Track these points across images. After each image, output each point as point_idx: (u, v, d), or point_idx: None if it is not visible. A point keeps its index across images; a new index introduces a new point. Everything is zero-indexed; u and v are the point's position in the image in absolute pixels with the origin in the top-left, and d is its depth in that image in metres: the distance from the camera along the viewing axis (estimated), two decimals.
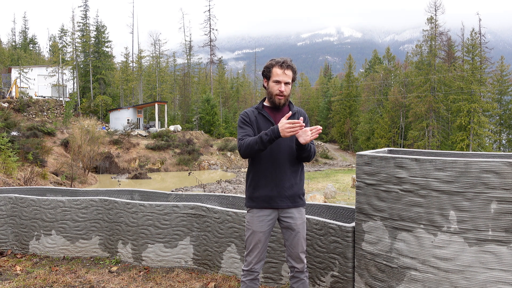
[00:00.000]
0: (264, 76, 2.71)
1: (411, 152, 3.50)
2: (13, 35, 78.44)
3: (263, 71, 2.72)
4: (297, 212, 2.75)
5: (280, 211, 2.71)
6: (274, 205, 2.68)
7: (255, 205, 2.69)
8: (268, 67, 2.68)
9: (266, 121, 2.68)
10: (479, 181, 2.45)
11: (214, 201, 5.02)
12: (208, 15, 58.75)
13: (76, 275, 4.02)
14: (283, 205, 2.69)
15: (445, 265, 2.56)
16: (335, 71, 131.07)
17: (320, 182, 24.81)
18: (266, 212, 2.68)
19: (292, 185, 2.71)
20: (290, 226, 2.71)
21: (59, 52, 49.27)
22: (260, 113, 2.70)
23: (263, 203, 2.67)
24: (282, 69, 2.63)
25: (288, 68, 2.65)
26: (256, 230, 2.67)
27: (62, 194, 5.62)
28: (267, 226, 2.69)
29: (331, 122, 61.59)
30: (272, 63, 2.68)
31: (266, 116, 2.68)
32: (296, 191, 2.74)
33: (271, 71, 2.66)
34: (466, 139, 39.79)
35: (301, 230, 2.75)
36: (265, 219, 2.68)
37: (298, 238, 2.72)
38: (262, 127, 2.66)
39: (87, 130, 28.16)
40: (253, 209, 2.70)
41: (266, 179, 2.66)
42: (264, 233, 2.69)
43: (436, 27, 44.33)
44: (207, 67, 63.47)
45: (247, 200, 2.76)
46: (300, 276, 2.75)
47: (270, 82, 2.67)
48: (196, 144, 38.53)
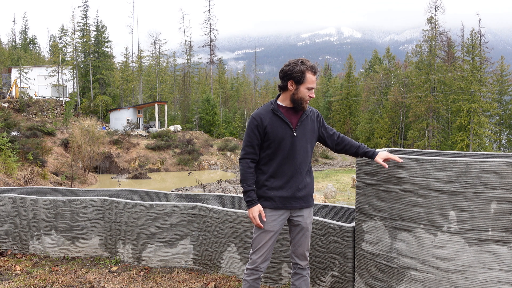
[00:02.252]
0: (292, 78, 2.57)
1: (411, 152, 3.50)
2: (13, 35, 78.51)
3: (293, 74, 2.55)
4: (308, 212, 2.76)
5: (292, 211, 2.71)
6: (288, 206, 2.67)
7: (269, 205, 2.66)
8: (302, 71, 2.55)
9: (283, 123, 2.62)
10: (479, 181, 2.45)
11: (214, 201, 5.02)
12: (208, 15, 58.75)
13: (76, 275, 4.02)
14: (297, 206, 2.69)
15: (445, 265, 2.56)
16: (335, 71, 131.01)
17: (320, 182, 24.81)
18: (279, 212, 2.67)
19: (305, 186, 2.71)
20: (300, 224, 2.72)
21: (59, 52, 49.23)
22: (275, 115, 2.63)
23: (278, 204, 2.65)
24: (315, 75, 2.60)
25: (317, 74, 2.63)
26: (268, 229, 2.65)
27: (62, 194, 5.62)
28: (278, 226, 2.69)
29: (331, 122, 61.55)
30: (305, 68, 2.56)
31: (283, 118, 2.61)
32: (308, 191, 2.74)
33: (305, 76, 2.56)
34: (466, 139, 39.79)
35: (309, 228, 2.77)
36: (278, 218, 2.67)
37: (306, 237, 2.74)
38: (279, 130, 2.60)
39: (87, 130, 28.15)
40: (266, 209, 2.66)
41: (282, 180, 2.64)
42: (276, 232, 2.69)
43: (436, 27, 44.33)
44: (207, 67, 63.43)
45: (260, 200, 2.67)
46: (303, 273, 2.76)
47: (301, 87, 2.57)
48: (196, 144, 38.53)
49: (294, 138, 2.63)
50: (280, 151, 2.62)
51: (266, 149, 2.65)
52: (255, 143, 2.63)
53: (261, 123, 2.61)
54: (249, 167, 2.63)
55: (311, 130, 2.72)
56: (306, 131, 2.68)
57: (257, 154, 2.65)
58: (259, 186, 2.69)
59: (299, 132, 2.64)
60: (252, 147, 2.63)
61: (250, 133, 2.64)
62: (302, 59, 2.61)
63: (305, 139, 2.67)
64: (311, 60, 2.73)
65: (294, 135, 2.62)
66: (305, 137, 2.67)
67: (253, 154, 2.64)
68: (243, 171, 2.63)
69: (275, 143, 2.61)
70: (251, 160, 2.65)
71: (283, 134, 2.61)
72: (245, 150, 2.66)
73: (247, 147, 2.65)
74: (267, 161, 2.66)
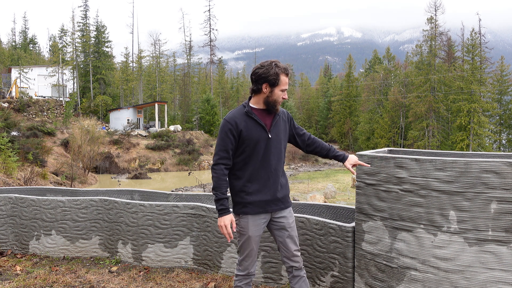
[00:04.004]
0: (267, 81, 2.55)
1: (411, 152, 3.50)
2: (13, 35, 78.55)
3: (268, 77, 2.54)
4: (288, 211, 2.75)
5: (273, 213, 2.70)
6: (269, 209, 2.66)
7: (249, 211, 2.62)
8: (277, 74, 2.54)
9: (257, 125, 2.59)
10: (479, 181, 2.45)
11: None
12: (208, 15, 58.77)
13: (76, 275, 4.02)
14: (276, 208, 2.68)
15: (445, 265, 2.56)
16: (335, 71, 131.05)
17: (320, 182, 24.81)
18: (261, 216, 2.66)
19: (282, 187, 2.70)
20: (284, 226, 2.70)
21: (59, 52, 49.24)
22: (250, 117, 2.59)
23: (258, 209, 2.63)
24: (287, 77, 2.60)
25: (289, 75, 2.65)
26: (252, 234, 2.64)
27: (62, 194, 5.62)
28: (262, 230, 2.70)
29: (331, 122, 61.59)
30: (279, 71, 2.55)
31: (257, 120, 2.59)
32: (285, 192, 2.74)
33: (280, 79, 2.55)
34: (466, 139, 39.79)
35: (294, 228, 2.76)
36: (260, 222, 2.66)
37: (292, 236, 2.72)
38: (254, 132, 2.57)
39: (87, 130, 28.17)
40: (247, 215, 2.63)
41: (259, 184, 2.61)
42: (259, 236, 2.69)
43: (436, 27, 44.33)
44: (207, 67, 63.47)
45: (238, 207, 2.66)
46: (300, 274, 2.74)
47: (276, 89, 2.57)
48: (196, 144, 38.54)
49: (269, 140, 2.61)
50: (255, 154, 2.58)
51: (241, 154, 2.60)
52: (229, 148, 2.57)
53: (235, 126, 2.55)
54: (223, 174, 2.58)
55: (284, 130, 2.72)
56: (279, 132, 2.67)
57: (231, 160, 2.60)
58: (235, 192, 2.65)
59: (273, 134, 2.63)
60: (226, 151, 2.57)
61: (224, 137, 2.56)
62: (274, 61, 2.60)
63: (278, 140, 2.66)
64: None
65: (269, 137, 2.60)
66: (279, 138, 2.67)
67: (227, 159, 2.59)
68: (217, 178, 2.56)
69: (250, 147, 2.57)
70: (225, 166, 2.59)
71: (258, 137, 2.58)
72: (218, 155, 2.58)
73: (221, 151, 2.58)
74: (242, 165, 2.62)
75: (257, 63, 2.99)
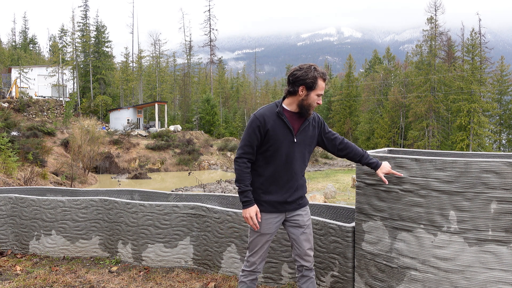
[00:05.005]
0: (304, 84, 2.54)
1: (411, 152, 3.50)
2: (13, 35, 78.55)
3: (306, 79, 2.53)
4: (303, 210, 2.75)
5: (288, 212, 2.71)
6: (282, 210, 2.68)
7: (263, 209, 2.64)
8: (315, 78, 2.53)
9: (285, 127, 2.58)
10: (479, 181, 2.45)
11: (214, 201, 5.02)
12: (208, 15, 58.76)
13: (76, 275, 4.02)
14: (290, 208, 2.69)
15: (445, 265, 2.56)
16: (335, 71, 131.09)
17: (320, 182, 24.80)
18: (274, 215, 2.67)
19: (298, 188, 2.71)
20: (298, 223, 2.70)
21: (59, 52, 49.25)
22: (279, 118, 2.58)
23: (272, 208, 2.65)
24: (324, 82, 2.60)
25: (327, 81, 2.65)
26: (264, 232, 2.66)
27: (62, 194, 5.62)
28: (274, 228, 2.69)
29: (331, 122, 61.54)
30: (317, 74, 2.55)
31: (286, 122, 2.58)
32: (301, 193, 2.74)
33: (317, 83, 2.54)
34: (466, 139, 39.79)
35: (310, 226, 2.76)
36: (273, 221, 2.67)
37: (306, 235, 2.72)
38: (280, 134, 2.57)
39: (87, 130, 28.16)
40: (261, 212, 2.65)
41: (278, 185, 2.63)
42: (272, 234, 2.69)
43: (436, 27, 44.32)
44: (207, 67, 63.46)
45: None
46: (309, 275, 2.72)
47: (312, 93, 2.55)
48: (196, 144, 38.53)
49: (294, 144, 2.60)
50: (278, 156, 2.59)
51: (264, 151, 2.61)
52: (254, 144, 2.59)
53: (264, 124, 2.55)
54: (247, 167, 2.60)
55: (311, 136, 2.70)
56: (306, 138, 2.66)
57: (255, 155, 2.62)
58: (253, 188, 2.66)
59: (299, 139, 2.62)
60: (251, 147, 2.59)
61: (250, 133, 2.58)
62: (313, 64, 2.59)
63: (304, 145, 2.66)
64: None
65: (294, 141, 2.60)
66: (304, 143, 2.66)
67: (251, 154, 2.61)
68: (240, 171, 2.59)
69: (274, 147, 2.58)
70: (248, 160, 2.61)
71: (284, 139, 2.58)
72: (243, 149, 2.61)
73: (246, 146, 2.60)
74: (263, 163, 2.64)
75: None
